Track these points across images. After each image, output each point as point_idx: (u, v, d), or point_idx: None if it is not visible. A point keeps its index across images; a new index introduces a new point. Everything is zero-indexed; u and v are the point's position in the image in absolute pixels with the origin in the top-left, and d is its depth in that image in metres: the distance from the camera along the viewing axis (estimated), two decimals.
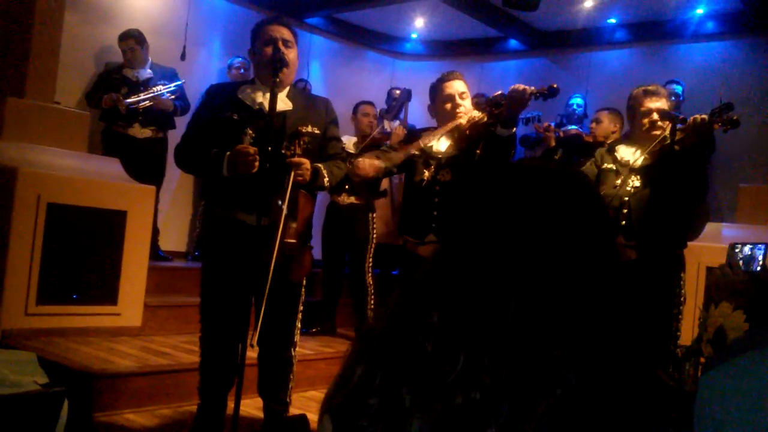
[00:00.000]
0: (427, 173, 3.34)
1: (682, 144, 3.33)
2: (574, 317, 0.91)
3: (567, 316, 0.91)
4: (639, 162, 3.48)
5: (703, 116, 3.22)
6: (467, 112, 3.37)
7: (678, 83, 6.24)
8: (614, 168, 3.57)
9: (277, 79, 3.00)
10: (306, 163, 3.02)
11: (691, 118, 3.27)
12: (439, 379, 0.90)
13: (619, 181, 3.49)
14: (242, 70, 6.44)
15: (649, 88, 3.55)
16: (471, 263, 0.96)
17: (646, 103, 3.50)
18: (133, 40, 5.79)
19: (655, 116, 3.48)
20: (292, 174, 2.98)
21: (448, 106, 3.37)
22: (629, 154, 3.55)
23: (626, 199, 3.45)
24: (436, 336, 0.92)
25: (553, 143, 6.16)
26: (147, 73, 5.87)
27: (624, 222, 3.43)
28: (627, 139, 3.81)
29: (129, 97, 5.66)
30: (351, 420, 0.95)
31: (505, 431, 0.85)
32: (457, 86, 3.39)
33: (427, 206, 3.33)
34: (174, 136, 5.67)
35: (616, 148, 3.67)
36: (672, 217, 3.47)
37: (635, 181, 3.46)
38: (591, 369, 0.88)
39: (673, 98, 5.83)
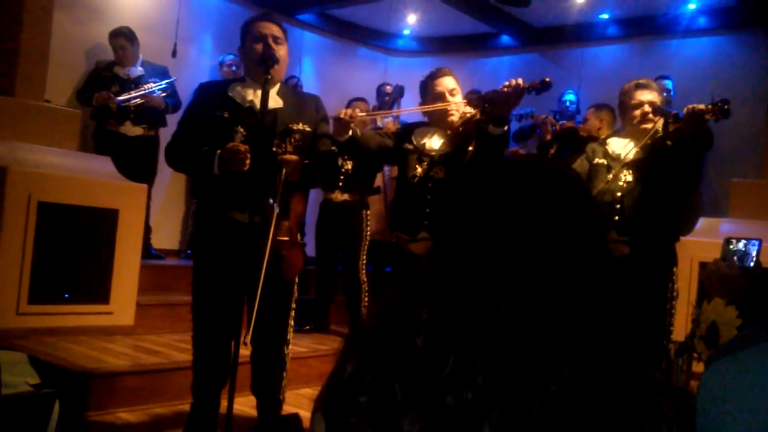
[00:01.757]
0: (419, 169, 3.34)
1: (676, 136, 3.32)
2: (566, 316, 0.91)
3: (558, 315, 0.91)
4: (630, 156, 3.46)
5: (699, 106, 3.19)
6: (459, 109, 3.37)
7: (668, 78, 6.25)
8: (606, 163, 3.54)
9: (268, 77, 2.99)
10: (297, 160, 3.01)
11: (687, 107, 3.25)
12: (430, 377, 0.89)
13: (610, 176, 3.46)
14: (234, 68, 6.42)
15: (641, 81, 3.52)
16: (462, 261, 0.96)
17: (638, 95, 3.47)
18: (123, 37, 5.78)
19: (647, 108, 3.44)
20: (284, 172, 2.97)
21: (439, 103, 3.36)
22: (620, 148, 3.53)
23: (618, 194, 3.43)
24: (426, 334, 0.92)
25: (549, 137, 6.15)
26: (138, 70, 5.85)
27: (617, 217, 3.41)
28: (618, 133, 3.78)
29: (120, 95, 5.65)
30: (342, 417, 0.95)
31: (500, 431, 0.85)
32: (447, 83, 3.37)
33: (420, 203, 3.32)
34: (165, 134, 5.65)
35: (608, 141, 3.64)
36: (665, 212, 3.46)
37: (627, 176, 3.43)
38: (584, 367, 0.88)
39: (664, 94, 5.84)
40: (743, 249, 2.07)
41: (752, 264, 2.06)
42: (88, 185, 4.53)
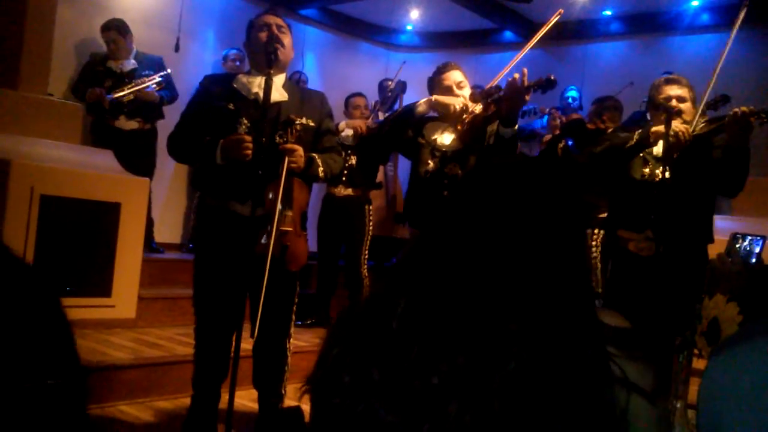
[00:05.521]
0: (431, 164, 3.32)
1: (724, 143, 3.22)
2: (529, 293, 0.96)
3: (522, 293, 0.96)
4: (659, 150, 3.37)
5: (743, 109, 3.10)
6: (466, 102, 3.37)
7: (669, 74, 6.24)
8: (642, 154, 3.47)
9: (272, 69, 2.99)
10: (299, 149, 3.01)
11: (732, 112, 3.15)
12: (401, 361, 0.94)
13: (647, 170, 3.41)
14: (237, 62, 6.40)
15: (671, 76, 3.47)
16: (440, 252, 1.02)
17: (666, 90, 3.42)
18: (115, 31, 5.68)
19: (674, 103, 3.37)
20: (286, 161, 2.97)
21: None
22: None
23: (655, 192, 3.35)
24: (400, 319, 0.97)
25: (557, 132, 6.14)
26: (131, 63, 5.76)
27: (653, 216, 3.31)
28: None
29: (113, 90, 5.58)
30: (326, 397, 1.00)
31: (467, 405, 0.89)
32: (454, 77, 3.37)
33: (435, 199, 3.32)
34: (163, 126, 5.64)
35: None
36: (703, 213, 3.39)
37: (665, 173, 3.31)
38: (543, 342, 0.92)
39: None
40: (748, 247, 2.08)
41: (754, 261, 2.07)
42: (90, 179, 4.54)
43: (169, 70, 5.90)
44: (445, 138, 3.33)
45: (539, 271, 0.98)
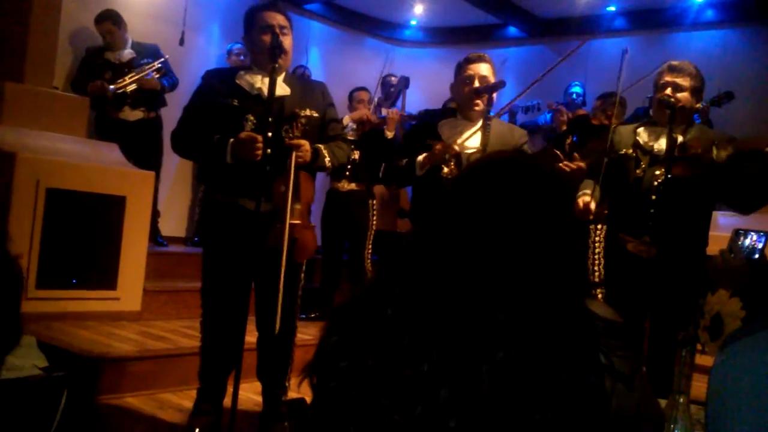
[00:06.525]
0: (446, 169, 3.23)
1: (746, 168, 3.15)
2: (517, 283, 0.99)
3: (510, 283, 0.98)
4: (662, 148, 3.23)
5: None
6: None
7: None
8: (635, 155, 3.32)
9: (276, 65, 3.00)
10: (306, 144, 3.03)
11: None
12: (394, 347, 0.97)
13: (639, 171, 3.29)
14: (242, 57, 6.39)
15: (675, 63, 3.33)
16: (434, 243, 1.04)
17: (665, 76, 3.29)
18: (110, 22, 5.67)
19: (669, 91, 3.24)
20: (293, 155, 2.99)
21: (467, 88, 3.28)
22: (652, 139, 3.31)
23: (653, 197, 3.22)
24: (395, 307, 1.00)
25: (563, 128, 6.13)
26: (128, 53, 5.74)
27: (651, 223, 3.20)
28: (650, 121, 3.50)
29: (114, 81, 5.57)
30: (323, 382, 1.04)
31: (457, 392, 0.91)
32: (479, 69, 3.25)
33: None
34: (166, 114, 5.63)
35: (638, 131, 3.38)
36: (704, 219, 3.34)
37: (661, 174, 3.19)
38: (531, 331, 0.94)
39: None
40: (751, 243, 2.08)
41: (757, 256, 2.07)
42: (96, 172, 4.55)
43: (167, 56, 5.87)
44: (468, 142, 3.25)
45: (527, 262, 1.00)
